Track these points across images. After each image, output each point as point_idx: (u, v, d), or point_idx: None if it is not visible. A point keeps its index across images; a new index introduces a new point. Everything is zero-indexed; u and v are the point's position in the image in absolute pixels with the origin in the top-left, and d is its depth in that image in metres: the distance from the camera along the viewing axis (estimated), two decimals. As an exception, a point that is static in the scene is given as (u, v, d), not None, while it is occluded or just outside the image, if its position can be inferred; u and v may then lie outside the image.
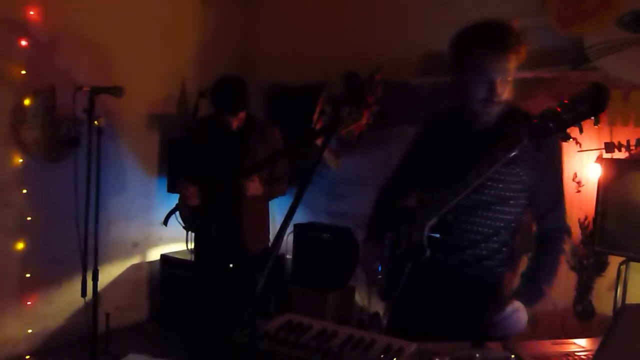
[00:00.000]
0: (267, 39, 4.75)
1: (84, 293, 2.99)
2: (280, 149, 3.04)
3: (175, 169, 4.26)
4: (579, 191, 3.22)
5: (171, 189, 4.34)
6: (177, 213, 3.09)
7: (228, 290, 3.08)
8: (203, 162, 3.00)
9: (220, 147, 2.98)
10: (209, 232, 3.00)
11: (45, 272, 3.71)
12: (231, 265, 3.11)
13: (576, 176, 3.22)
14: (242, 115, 2.91)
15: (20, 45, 3.47)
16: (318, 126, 3.49)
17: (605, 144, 3.08)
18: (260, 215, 3.11)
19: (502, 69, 1.73)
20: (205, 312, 3.12)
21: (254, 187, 2.86)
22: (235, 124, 2.91)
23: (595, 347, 1.64)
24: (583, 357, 1.60)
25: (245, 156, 2.93)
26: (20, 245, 3.57)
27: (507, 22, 1.77)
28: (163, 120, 4.44)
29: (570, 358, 1.59)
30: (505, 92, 1.76)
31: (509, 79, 1.76)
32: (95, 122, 2.88)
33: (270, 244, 3.18)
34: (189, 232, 3.82)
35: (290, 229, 4.10)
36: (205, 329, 3.11)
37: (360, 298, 4.16)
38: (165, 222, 3.15)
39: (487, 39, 1.73)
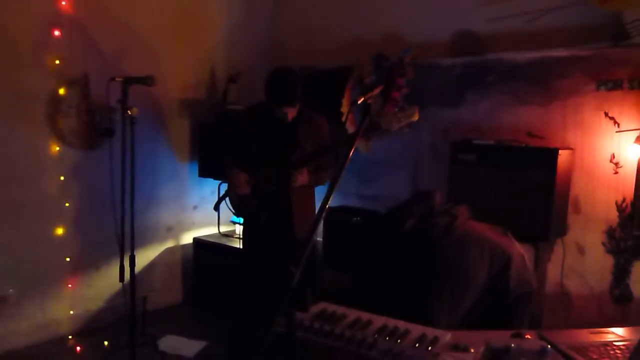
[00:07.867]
0: (295, 22, 4.71)
1: (121, 278, 3.06)
2: (330, 145, 3.06)
3: (208, 154, 4.31)
4: (616, 172, 3.13)
5: (202, 173, 4.39)
6: (227, 199, 3.18)
7: (275, 277, 3.10)
8: (253, 150, 3.05)
9: (271, 136, 3.03)
10: (259, 219, 3.06)
11: (84, 256, 3.83)
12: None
13: (614, 157, 3.13)
14: (298, 106, 2.97)
15: (54, 35, 3.53)
16: (346, 114, 3.55)
17: (646, 123, 2.99)
18: (308, 202, 3.14)
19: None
20: (251, 298, 3.16)
21: (302, 179, 2.96)
22: (290, 115, 2.96)
23: (633, 336, 1.61)
24: (622, 347, 1.57)
25: (295, 146, 2.99)
26: (59, 231, 3.69)
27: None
28: (193, 106, 4.48)
29: (608, 349, 1.57)
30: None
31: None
32: (129, 111, 2.92)
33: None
34: (220, 216, 3.84)
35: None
36: (247, 315, 3.16)
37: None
38: (216, 208, 3.31)
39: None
